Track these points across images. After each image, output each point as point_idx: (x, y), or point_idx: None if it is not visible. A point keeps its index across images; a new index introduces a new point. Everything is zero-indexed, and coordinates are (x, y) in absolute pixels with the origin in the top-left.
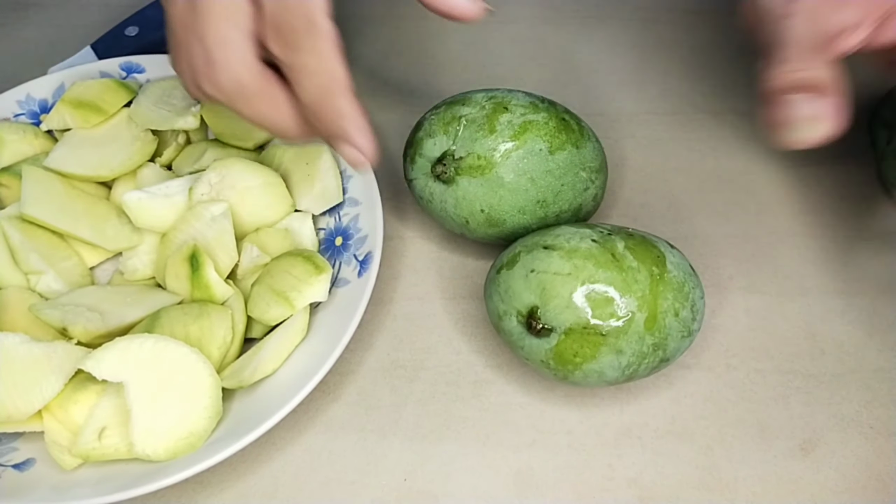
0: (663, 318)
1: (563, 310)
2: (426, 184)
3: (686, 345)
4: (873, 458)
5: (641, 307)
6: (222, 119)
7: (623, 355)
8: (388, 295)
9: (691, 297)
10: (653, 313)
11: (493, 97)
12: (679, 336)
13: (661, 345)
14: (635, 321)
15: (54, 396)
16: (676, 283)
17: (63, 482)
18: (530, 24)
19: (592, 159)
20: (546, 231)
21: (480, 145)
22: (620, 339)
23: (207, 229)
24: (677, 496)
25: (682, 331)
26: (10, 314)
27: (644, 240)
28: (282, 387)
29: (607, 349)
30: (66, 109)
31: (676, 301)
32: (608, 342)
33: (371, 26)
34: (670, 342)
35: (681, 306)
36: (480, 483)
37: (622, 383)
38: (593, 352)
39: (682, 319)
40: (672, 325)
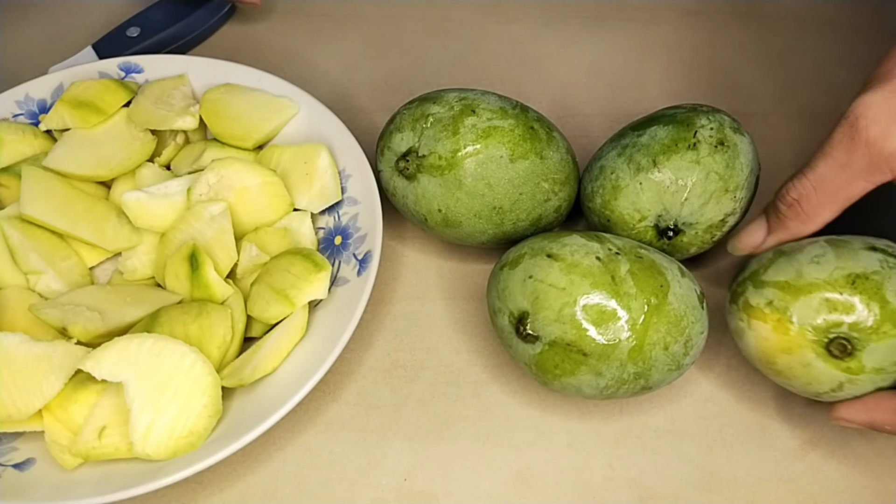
0: (651, 349)
1: (550, 322)
2: (391, 177)
3: (673, 377)
4: (873, 458)
5: (630, 335)
6: (221, 119)
7: (602, 378)
8: (388, 295)
9: (688, 331)
10: (640, 343)
11: (463, 98)
12: (665, 369)
13: (644, 374)
14: (619, 348)
15: (54, 396)
16: (673, 317)
17: (63, 482)
18: (530, 24)
19: (557, 171)
20: (557, 236)
21: (443, 145)
22: (601, 362)
23: (207, 229)
24: (677, 496)
25: (670, 364)
26: (10, 314)
27: (653, 264)
28: (282, 386)
29: (587, 369)
30: (65, 109)
31: (669, 334)
32: (588, 363)
33: (371, 26)
34: (654, 373)
35: (673, 340)
36: (480, 483)
37: (601, 400)
38: (573, 368)
39: (672, 353)
40: (659, 358)
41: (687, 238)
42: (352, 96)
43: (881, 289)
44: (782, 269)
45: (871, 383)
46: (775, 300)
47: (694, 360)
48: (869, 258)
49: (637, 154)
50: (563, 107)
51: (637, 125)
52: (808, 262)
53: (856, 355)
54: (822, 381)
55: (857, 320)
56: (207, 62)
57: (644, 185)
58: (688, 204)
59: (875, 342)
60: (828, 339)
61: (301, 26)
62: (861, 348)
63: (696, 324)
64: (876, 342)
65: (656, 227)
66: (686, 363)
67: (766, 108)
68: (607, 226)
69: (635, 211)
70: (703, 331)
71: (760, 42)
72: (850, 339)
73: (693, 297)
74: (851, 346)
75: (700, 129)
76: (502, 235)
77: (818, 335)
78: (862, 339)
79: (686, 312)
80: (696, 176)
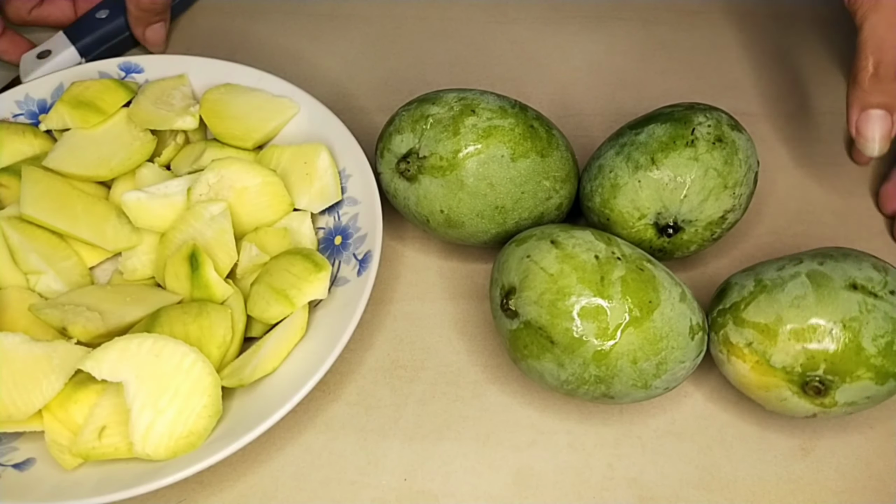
0: (618, 358)
1: (531, 303)
2: (391, 179)
3: (640, 395)
4: (873, 458)
5: (599, 338)
6: (221, 119)
7: (563, 370)
8: (388, 295)
9: (664, 354)
10: (608, 349)
11: (462, 98)
12: (630, 383)
13: (605, 381)
14: (586, 347)
15: (54, 396)
16: (652, 335)
17: (63, 482)
18: (530, 24)
19: (558, 169)
20: (570, 228)
21: (444, 146)
22: (566, 354)
23: (206, 229)
24: (677, 496)
25: (636, 380)
26: (10, 314)
27: (652, 280)
28: (282, 386)
29: (552, 357)
30: (64, 109)
31: (642, 350)
32: (554, 352)
33: (371, 26)
34: (617, 384)
35: (644, 357)
36: (480, 483)
37: (564, 395)
38: (539, 353)
39: (640, 370)
40: (624, 370)
41: (687, 235)
42: (352, 96)
43: (857, 336)
44: (762, 310)
45: (844, 412)
46: (755, 342)
47: (669, 387)
48: (848, 302)
49: (635, 152)
50: (563, 106)
51: (635, 124)
52: (789, 306)
53: (829, 394)
54: (796, 412)
55: (833, 366)
56: (207, 62)
57: (643, 183)
58: (687, 201)
59: (848, 384)
60: (804, 381)
61: (301, 26)
62: (835, 388)
63: (676, 350)
64: (849, 384)
65: (656, 225)
66: (656, 385)
67: (765, 108)
68: (607, 224)
69: (634, 209)
70: (684, 360)
71: (760, 42)
72: (825, 381)
73: (683, 325)
74: (825, 387)
75: (698, 126)
76: (504, 234)
77: (795, 378)
78: (836, 382)
79: (668, 335)
80: (694, 173)
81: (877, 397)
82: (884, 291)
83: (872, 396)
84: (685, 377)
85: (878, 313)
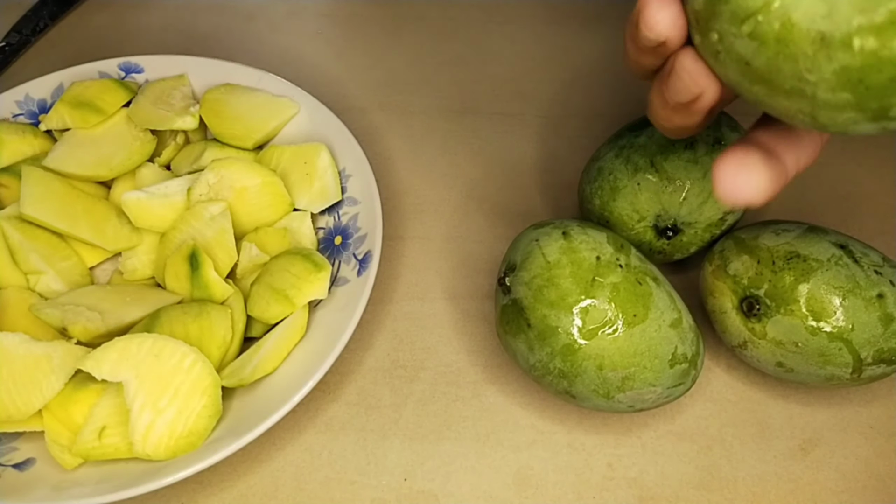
0: (584, 359)
1: (522, 283)
2: None
3: (602, 405)
4: (873, 458)
5: (570, 333)
6: (221, 119)
7: (533, 355)
8: (388, 295)
9: (633, 371)
10: (576, 348)
11: None
12: (591, 388)
13: (569, 378)
14: (556, 337)
15: (54, 396)
16: (626, 348)
17: (63, 481)
18: (530, 24)
19: None
20: (589, 226)
21: None
22: (536, 340)
23: (206, 229)
24: (677, 496)
25: (597, 387)
26: (10, 314)
27: (646, 297)
28: (281, 386)
29: (524, 339)
30: (64, 109)
31: (610, 359)
32: (528, 335)
33: (371, 26)
34: (578, 384)
35: (611, 367)
36: (480, 483)
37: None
38: (516, 332)
39: (603, 377)
40: (588, 372)
41: (686, 237)
42: (352, 96)
43: (809, 274)
44: (752, 231)
45: (770, 353)
46: (726, 250)
47: (635, 407)
48: (825, 249)
49: (634, 154)
50: (563, 107)
51: (634, 126)
52: (772, 231)
53: (762, 320)
54: (730, 332)
55: (774, 291)
56: (207, 62)
57: (642, 185)
58: (686, 203)
59: (781, 316)
60: (744, 296)
61: (301, 26)
62: (768, 316)
63: (647, 371)
64: (781, 316)
65: (655, 228)
66: (619, 399)
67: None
68: (606, 227)
69: (634, 211)
70: (654, 384)
71: None
72: (760, 301)
73: (665, 350)
74: (759, 308)
75: None
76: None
77: (739, 290)
78: (772, 309)
79: (643, 353)
80: (693, 175)
81: (805, 352)
82: (867, 263)
83: (801, 348)
84: (656, 403)
85: (845, 271)
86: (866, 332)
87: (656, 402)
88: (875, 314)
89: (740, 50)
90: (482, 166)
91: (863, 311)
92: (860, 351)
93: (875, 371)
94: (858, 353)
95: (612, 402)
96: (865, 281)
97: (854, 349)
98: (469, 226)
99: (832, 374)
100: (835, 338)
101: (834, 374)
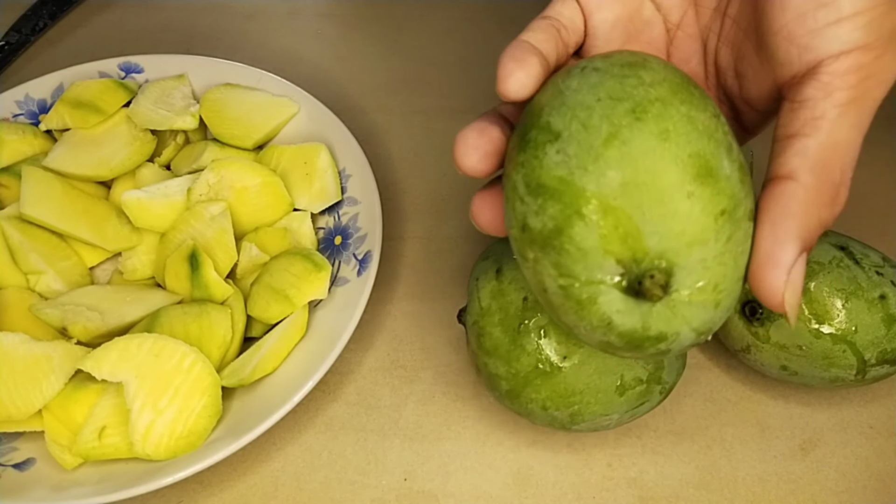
0: (528, 403)
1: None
2: None
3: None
4: (873, 458)
5: (509, 381)
6: (221, 119)
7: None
8: (388, 295)
9: (577, 407)
10: (518, 392)
11: None
12: (546, 423)
13: (524, 415)
14: (500, 384)
15: (54, 396)
16: (563, 389)
17: (63, 481)
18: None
19: None
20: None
21: None
22: (488, 382)
23: (206, 229)
24: (677, 496)
25: (552, 423)
26: (10, 314)
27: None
28: (282, 386)
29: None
30: (65, 109)
31: (550, 400)
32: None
33: (371, 26)
34: (536, 419)
35: (554, 407)
36: (480, 483)
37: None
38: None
39: (552, 416)
40: (537, 413)
41: None
42: (352, 96)
43: (811, 277)
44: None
45: (774, 357)
46: None
47: (597, 429)
48: (826, 251)
49: None
50: None
51: None
52: None
53: (765, 324)
54: (734, 336)
55: None
56: (207, 62)
57: None
58: None
59: (783, 319)
60: (746, 300)
61: (301, 26)
62: (771, 320)
63: (593, 405)
64: (784, 320)
65: None
66: (579, 428)
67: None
68: None
69: None
70: (607, 413)
71: None
72: (763, 305)
73: (606, 382)
74: (761, 313)
75: None
76: None
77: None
78: (773, 313)
79: (582, 391)
80: None
81: (809, 355)
82: (868, 264)
83: (805, 351)
84: (620, 422)
85: (846, 273)
86: (870, 333)
87: (621, 422)
88: (878, 315)
89: (546, 282)
90: None
91: (865, 312)
92: (864, 352)
93: (879, 372)
94: (862, 355)
95: (573, 430)
96: (867, 282)
97: (858, 351)
98: (469, 226)
99: (836, 376)
100: (838, 340)
101: (838, 376)
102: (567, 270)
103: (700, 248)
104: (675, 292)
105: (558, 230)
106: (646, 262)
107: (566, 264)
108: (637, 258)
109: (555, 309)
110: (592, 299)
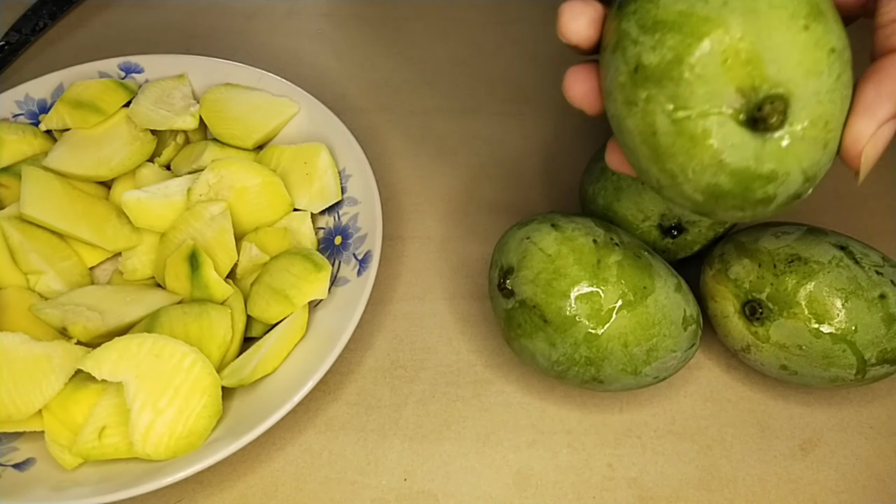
0: (609, 340)
1: (527, 282)
2: None
3: (629, 382)
4: (873, 458)
5: (592, 319)
6: (221, 119)
7: (555, 350)
8: (388, 295)
9: (655, 341)
10: (599, 333)
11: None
12: (619, 367)
13: (595, 363)
14: (577, 327)
15: (54, 396)
16: (644, 320)
17: (63, 481)
18: (530, 24)
19: None
20: (572, 216)
21: None
22: (558, 334)
23: (206, 229)
24: (677, 496)
25: (626, 364)
26: (10, 314)
27: (648, 267)
28: (282, 386)
29: (544, 336)
30: (65, 109)
31: (633, 334)
32: (546, 331)
33: (371, 26)
34: (606, 367)
35: (635, 341)
36: (480, 483)
37: (554, 378)
38: (532, 332)
39: (630, 354)
40: (615, 353)
41: (690, 236)
42: (352, 96)
43: (811, 277)
44: (751, 234)
45: (774, 356)
46: (726, 254)
47: (660, 377)
48: (826, 251)
49: None
50: (563, 107)
51: None
52: (771, 234)
53: (765, 324)
54: (734, 335)
55: (777, 295)
56: (207, 62)
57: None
58: None
59: (783, 319)
60: (746, 300)
61: (301, 26)
62: (771, 320)
63: (667, 339)
64: (784, 319)
65: (660, 227)
66: (646, 373)
67: None
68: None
69: (638, 211)
70: (675, 350)
71: None
72: (763, 305)
73: (677, 314)
74: (762, 312)
75: None
76: None
77: (741, 294)
78: (774, 312)
79: (661, 322)
80: None
81: (809, 355)
82: (868, 263)
83: (805, 350)
84: (676, 368)
85: (846, 272)
86: (869, 333)
87: (676, 367)
88: (878, 315)
89: (657, 122)
90: (482, 166)
91: (865, 312)
92: (864, 352)
93: (878, 371)
94: (862, 355)
95: (639, 377)
96: (867, 282)
97: (858, 350)
98: (469, 226)
99: (836, 376)
100: (838, 340)
101: (838, 375)
102: (684, 102)
103: (815, 79)
104: (789, 125)
105: (678, 59)
106: (764, 88)
107: (684, 95)
108: (756, 86)
109: (661, 154)
110: (707, 133)
